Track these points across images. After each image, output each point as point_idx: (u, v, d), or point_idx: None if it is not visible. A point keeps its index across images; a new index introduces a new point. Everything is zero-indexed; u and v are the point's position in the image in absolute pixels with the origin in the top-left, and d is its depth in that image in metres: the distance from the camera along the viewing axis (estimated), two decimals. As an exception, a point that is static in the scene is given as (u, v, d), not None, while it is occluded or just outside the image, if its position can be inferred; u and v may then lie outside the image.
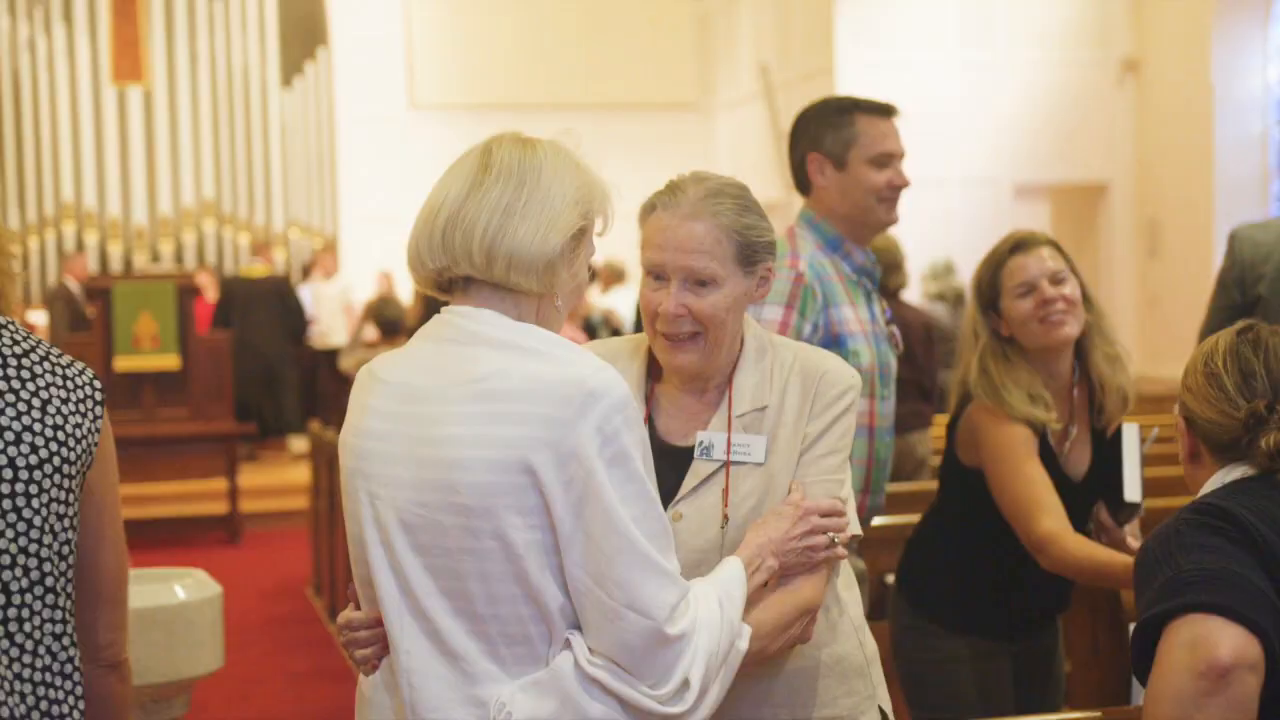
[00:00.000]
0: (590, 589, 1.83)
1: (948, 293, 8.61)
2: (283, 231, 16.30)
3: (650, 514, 1.86)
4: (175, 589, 3.49)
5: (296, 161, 16.42)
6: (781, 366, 2.29)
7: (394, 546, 1.91)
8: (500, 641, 1.87)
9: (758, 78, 14.27)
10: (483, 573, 1.85)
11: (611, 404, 1.85)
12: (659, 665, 1.84)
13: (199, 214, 16.17)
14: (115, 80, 16.08)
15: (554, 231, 1.93)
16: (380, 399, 1.97)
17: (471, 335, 1.93)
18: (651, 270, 2.27)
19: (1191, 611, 1.90)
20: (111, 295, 10.66)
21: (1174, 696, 1.87)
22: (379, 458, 1.94)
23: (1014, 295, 3.15)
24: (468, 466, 1.84)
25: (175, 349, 10.69)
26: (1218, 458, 2.13)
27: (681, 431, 2.30)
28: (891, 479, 6.06)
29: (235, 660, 5.72)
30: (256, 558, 9.38)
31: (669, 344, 2.25)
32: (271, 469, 11.91)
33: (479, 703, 1.87)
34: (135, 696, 3.39)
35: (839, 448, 2.26)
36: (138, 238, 15.98)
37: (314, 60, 16.47)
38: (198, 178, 16.18)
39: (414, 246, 1.98)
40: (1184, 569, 1.94)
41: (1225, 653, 1.85)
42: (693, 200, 2.25)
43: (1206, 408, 2.12)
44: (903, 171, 3.28)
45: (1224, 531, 1.98)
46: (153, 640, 3.39)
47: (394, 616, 1.92)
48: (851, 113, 3.29)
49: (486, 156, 1.96)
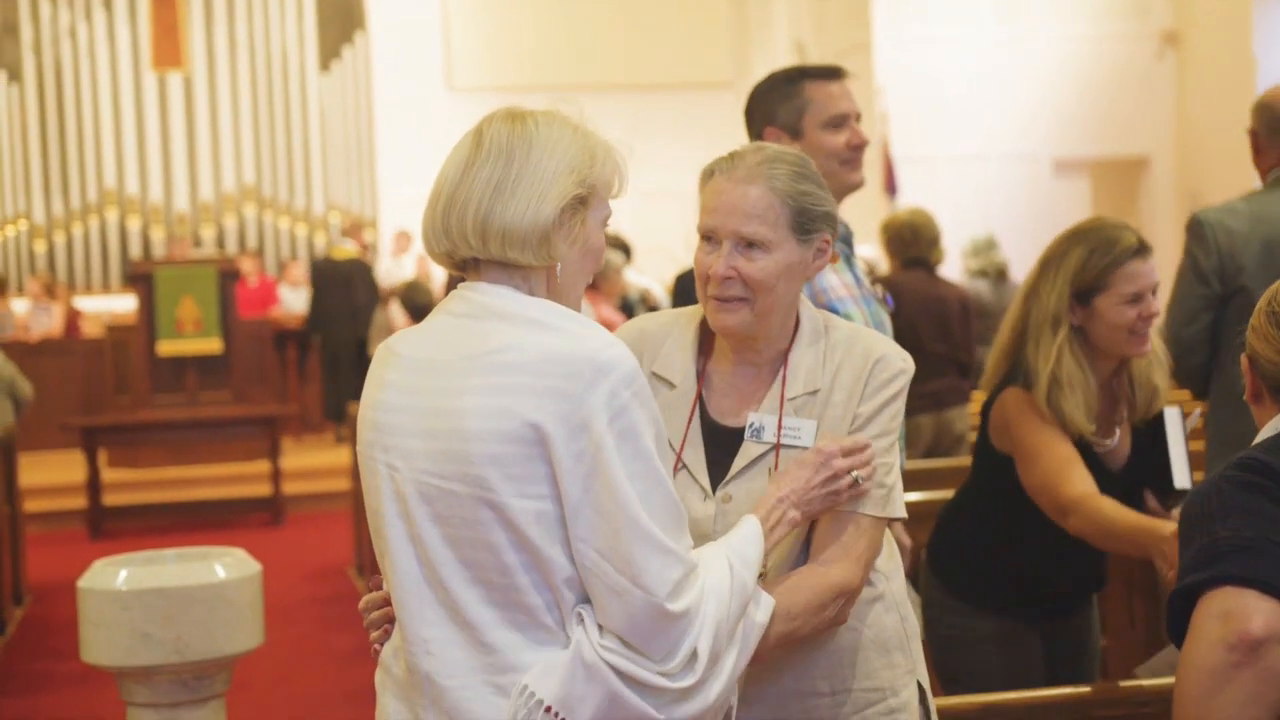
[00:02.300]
0: (596, 564, 1.85)
1: (989, 269, 8.56)
2: (323, 215, 16.39)
3: (657, 491, 1.86)
4: (215, 567, 3.52)
5: (335, 145, 16.50)
6: (835, 349, 2.27)
7: (414, 518, 1.93)
8: (516, 609, 1.89)
9: (794, 55, 14.22)
10: (495, 542, 1.87)
11: (621, 378, 1.85)
12: (664, 641, 1.85)
13: (240, 199, 16.29)
14: (155, 67, 16.19)
15: (545, 203, 1.93)
16: (397, 373, 1.99)
17: (484, 309, 1.94)
18: (704, 233, 2.26)
19: (1225, 584, 1.89)
20: (154, 280, 10.75)
21: (1205, 668, 1.86)
22: (396, 431, 1.96)
23: (1120, 299, 3.03)
24: (479, 437, 1.86)
25: (217, 332, 10.78)
26: (1275, 398, 2.10)
27: (733, 411, 2.29)
28: (929, 454, 6.10)
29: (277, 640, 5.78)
30: (299, 539, 9.45)
31: (717, 306, 2.24)
32: (314, 451, 12.00)
33: (497, 669, 1.88)
34: (177, 673, 3.44)
35: (889, 429, 2.24)
36: (179, 223, 16.10)
37: (352, 45, 16.54)
38: (238, 163, 16.29)
39: (424, 230, 2.01)
40: (1220, 536, 1.93)
41: (1257, 626, 1.84)
42: (750, 165, 2.25)
43: (1266, 346, 2.09)
44: (859, 130, 3.23)
45: (1266, 490, 1.96)
46: (194, 618, 3.43)
47: (411, 587, 1.94)
48: (799, 81, 3.24)
49: (478, 136, 1.97)
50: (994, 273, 8.53)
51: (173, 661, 3.42)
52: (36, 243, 15.94)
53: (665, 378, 2.32)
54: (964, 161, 12.52)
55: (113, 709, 4.11)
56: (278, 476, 9.99)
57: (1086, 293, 3.05)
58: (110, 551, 5.18)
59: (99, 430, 10.01)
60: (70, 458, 10.79)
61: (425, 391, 1.94)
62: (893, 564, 2.39)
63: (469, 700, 1.90)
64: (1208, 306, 3.96)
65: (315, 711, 5.72)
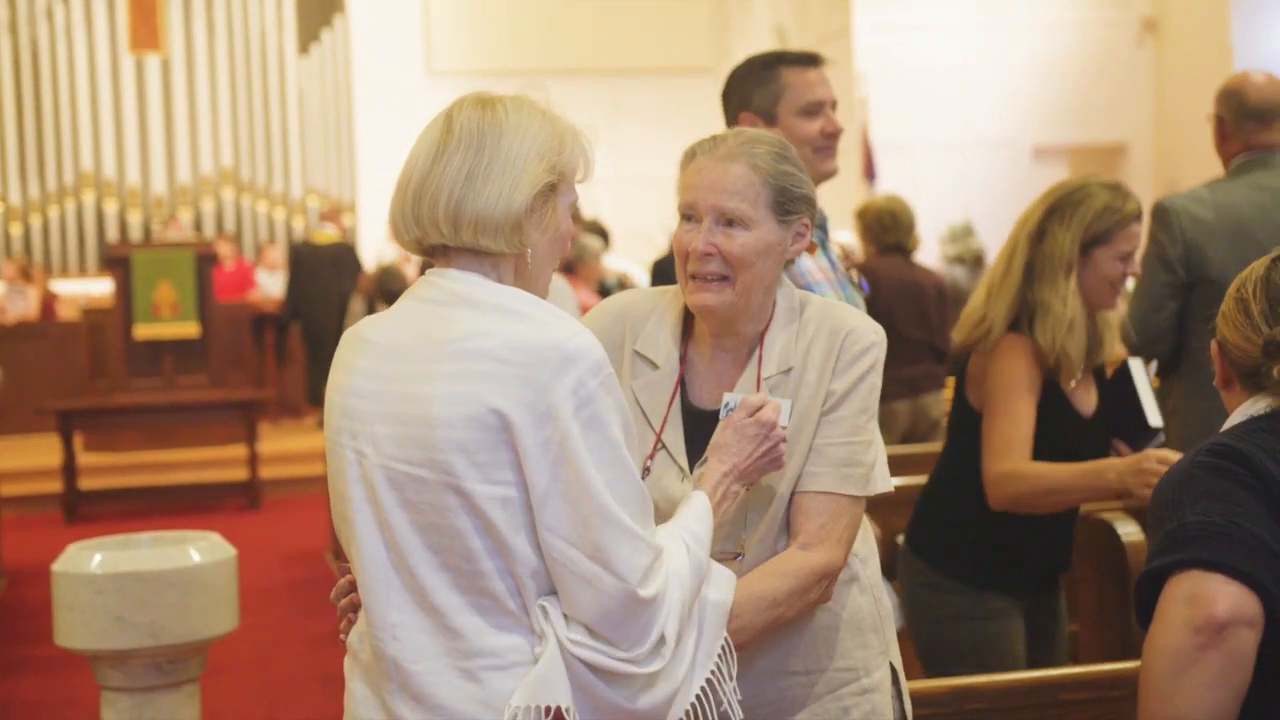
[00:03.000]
0: (564, 553, 1.85)
1: (966, 255, 8.60)
2: (301, 199, 16.34)
3: (624, 478, 1.87)
4: (190, 551, 3.52)
5: (314, 129, 16.44)
6: (807, 325, 2.28)
7: (381, 503, 1.93)
8: (481, 594, 1.89)
9: (775, 41, 14.21)
10: (460, 528, 1.88)
11: (588, 367, 1.86)
12: (635, 627, 1.86)
13: (217, 182, 16.22)
14: (133, 49, 16.11)
15: (518, 191, 1.94)
16: (365, 359, 1.99)
17: (452, 295, 1.95)
18: (684, 211, 2.27)
19: (1192, 567, 1.91)
20: (131, 263, 10.71)
21: (1171, 650, 1.88)
22: (364, 416, 1.96)
23: (1116, 254, 3.16)
24: (446, 423, 1.87)
25: (194, 316, 10.76)
26: (1244, 385, 2.12)
27: (712, 397, 2.30)
28: (905, 440, 6.13)
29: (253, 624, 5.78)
30: (276, 523, 9.44)
31: (696, 284, 2.25)
32: (291, 435, 11.98)
33: (462, 654, 1.89)
34: (151, 657, 3.44)
35: (867, 405, 2.25)
36: (157, 206, 16.04)
37: (331, 28, 16.48)
38: (216, 146, 16.23)
39: (393, 217, 2.01)
40: (1188, 520, 1.95)
41: (1223, 609, 1.87)
42: (731, 145, 2.27)
43: (1233, 332, 2.11)
44: (834, 118, 3.23)
45: (1235, 475, 1.98)
46: (168, 602, 3.43)
47: (378, 572, 1.94)
48: (776, 67, 3.23)
49: (448, 122, 1.97)
50: (970, 259, 8.57)
51: (147, 645, 3.42)
52: (12, 225, 15.86)
53: (648, 357, 2.33)
54: (943, 148, 12.54)
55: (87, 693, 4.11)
56: (255, 461, 9.97)
57: (1090, 242, 3.16)
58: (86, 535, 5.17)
59: (75, 414, 9.98)
60: (46, 441, 10.75)
61: (393, 377, 1.94)
62: (868, 548, 2.40)
63: (435, 685, 1.90)
64: (1173, 294, 3.98)
65: (290, 696, 5.72)
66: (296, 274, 12.45)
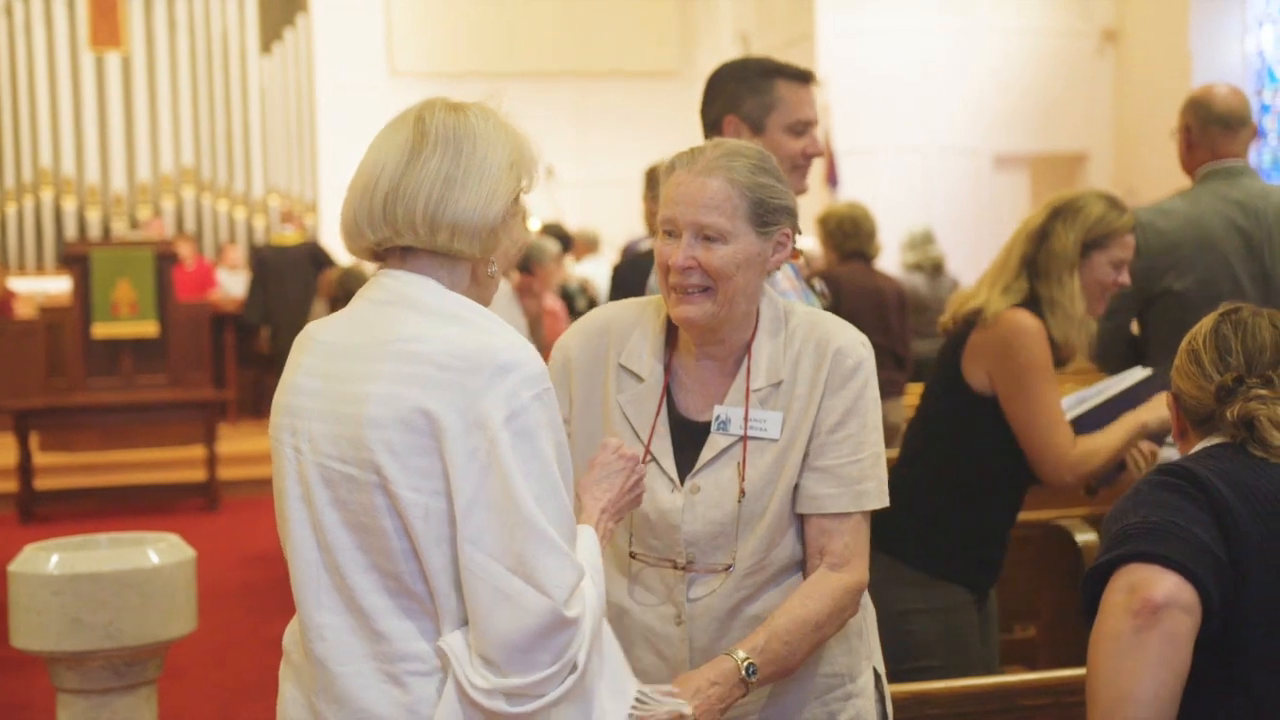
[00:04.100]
0: (484, 566, 1.81)
1: (925, 263, 8.63)
2: (262, 198, 16.26)
3: (553, 496, 1.84)
4: (149, 553, 3.50)
5: (276, 128, 16.36)
6: (793, 338, 2.31)
7: (315, 502, 1.92)
8: (408, 597, 1.89)
9: (738, 46, 14.25)
10: (386, 529, 1.87)
11: (523, 378, 1.84)
12: (551, 649, 1.82)
13: (178, 181, 16.12)
14: (93, 46, 15.99)
15: (495, 199, 1.94)
16: (311, 357, 1.99)
17: (399, 296, 1.94)
18: (665, 225, 2.30)
19: (1133, 561, 2.01)
20: (90, 261, 10.63)
21: (1112, 635, 1.98)
22: (304, 414, 1.95)
23: (1110, 261, 3.28)
24: (378, 424, 1.86)
25: (154, 316, 10.68)
26: (1197, 431, 2.21)
27: (699, 407, 2.33)
28: (866, 446, 6.14)
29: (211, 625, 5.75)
30: (235, 524, 9.39)
31: (678, 297, 2.27)
32: (251, 436, 11.92)
33: (387, 658, 1.88)
34: (108, 659, 3.42)
35: (867, 421, 2.28)
36: (116, 204, 15.92)
37: (294, 27, 16.40)
38: (176, 144, 16.12)
39: (351, 218, 1.98)
40: (1129, 522, 2.06)
41: (1159, 593, 1.96)
42: (709, 159, 2.28)
43: (1186, 383, 2.21)
44: (817, 140, 3.25)
45: (1181, 489, 2.07)
46: (126, 603, 3.41)
47: (310, 571, 1.94)
48: (774, 78, 3.24)
49: (420, 124, 1.96)
50: (929, 267, 8.60)
51: (105, 647, 3.40)
52: (-31, 222, 15.72)
53: (633, 370, 2.35)
54: (905, 154, 12.59)
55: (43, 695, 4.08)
56: (213, 462, 9.91)
57: (1090, 245, 3.27)
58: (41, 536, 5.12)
59: (31, 413, 9.89)
60: (1, 441, 10.65)
61: (333, 376, 1.94)
62: None
63: (359, 688, 1.89)
64: (1129, 306, 4.02)
65: (247, 698, 5.69)
66: (262, 276, 12.38)
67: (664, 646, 2.30)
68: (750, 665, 2.16)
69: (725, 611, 2.27)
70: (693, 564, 2.28)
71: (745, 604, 2.28)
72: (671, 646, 2.29)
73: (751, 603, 2.28)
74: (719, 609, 2.27)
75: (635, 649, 2.30)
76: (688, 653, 2.27)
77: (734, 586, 2.27)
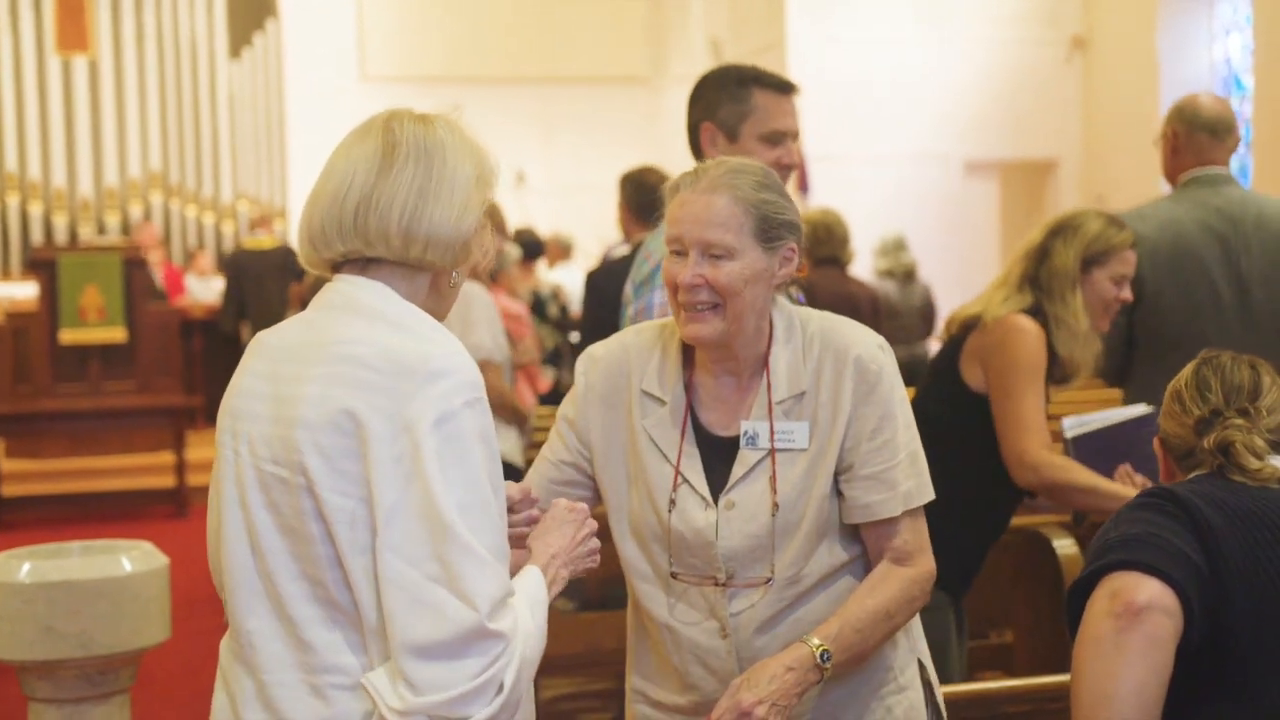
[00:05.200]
0: (402, 574, 1.77)
1: (896, 269, 8.65)
2: (231, 203, 16.18)
3: (479, 505, 1.80)
4: (122, 560, 3.47)
5: (245, 134, 16.28)
6: (810, 343, 2.33)
7: (249, 505, 1.90)
8: (335, 608, 1.86)
9: (709, 53, 14.26)
10: (313, 534, 1.85)
11: (454, 385, 1.82)
12: (473, 660, 1.76)
13: (145, 186, 16.01)
14: (60, 50, 15.88)
15: (468, 212, 1.94)
16: (258, 360, 1.98)
17: (350, 301, 1.93)
18: (672, 245, 2.32)
19: (1114, 569, 2.06)
20: (57, 267, 10.55)
21: (1096, 638, 2.02)
22: (247, 416, 1.94)
23: (1110, 276, 3.33)
24: (308, 425, 1.84)
25: (121, 321, 10.61)
26: (1181, 469, 2.29)
27: (724, 423, 2.35)
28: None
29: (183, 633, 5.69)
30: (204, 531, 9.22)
31: (688, 315, 2.29)
32: (220, 443, 11.83)
33: (313, 669, 1.86)
34: (81, 668, 3.39)
35: (902, 421, 2.31)
36: (83, 209, 15.81)
37: (263, 32, 16.33)
38: (144, 149, 16.02)
39: (319, 229, 1.94)
40: (1111, 537, 2.12)
41: (1141, 596, 2.01)
42: (713, 177, 2.31)
43: (1170, 422, 2.29)
44: (793, 150, 3.24)
45: (1161, 507, 2.13)
46: (100, 612, 3.38)
47: (242, 577, 1.91)
48: (750, 86, 3.23)
49: (390, 134, 1.93)
50: (901, 273, 8.62)
51: (77, 656, 3.37)
52: (-65, 227, 15.59)
53: (655, 395, 2.37)
54: (877, 161, 12.62)
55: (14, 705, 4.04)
56: (182, 468, 9.85)
57: (1089, 261, 3.32)
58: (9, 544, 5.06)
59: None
60: (-32, 447, 10.57)
61: (274, 378, 1.93)
62: None
63: (284, 699, 1.87)
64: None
65: (220, 706, 5.65)
66: (237, 280, 12.30)
67: (712, 660, 2.33)
68: (825, 652, 2.20)
69: (767, 620, 2.30)
70: (733, 579, 2.30)
71: (787, 612, 2.30)
72: (719, 659, 2.32)
73: (793, 610, 2.30)
74: (761, 619, 2.30)
75: (685, 663, 2.34)
76: (735, 664, 2.30)
77: (775, 598, 2.30)
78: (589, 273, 5.36)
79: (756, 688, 2.16)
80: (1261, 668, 2.05)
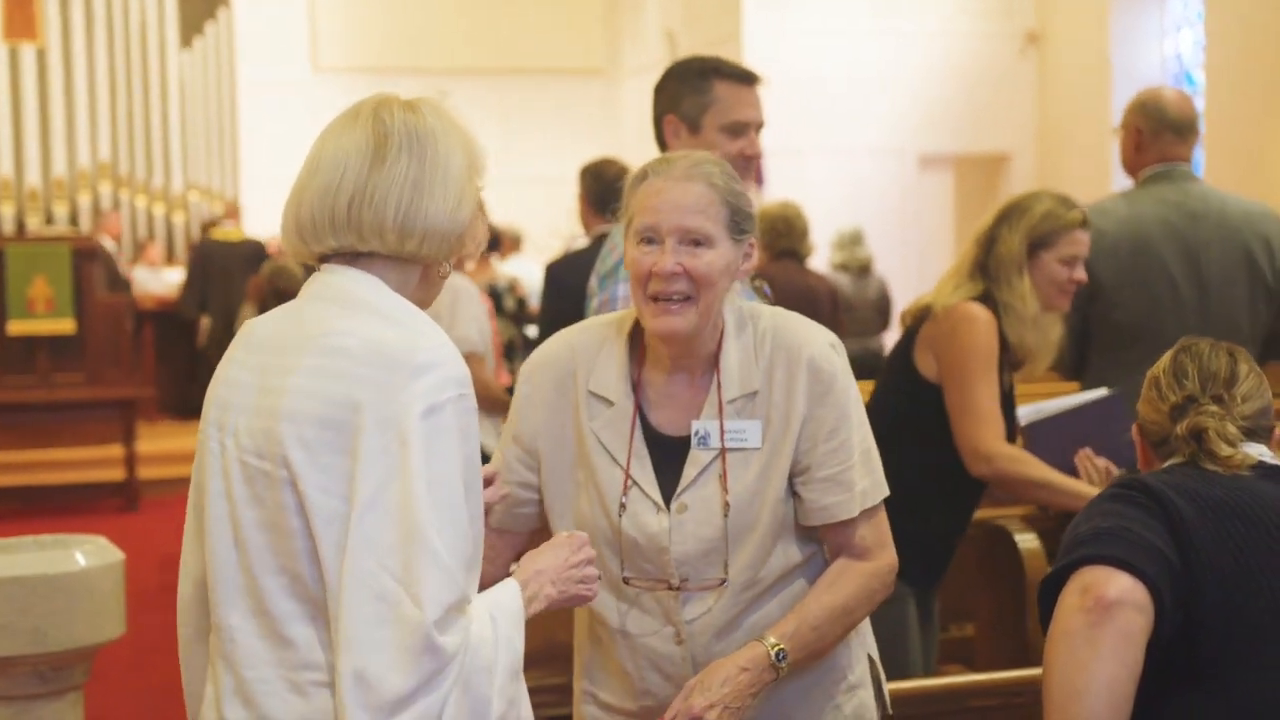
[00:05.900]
0: (370, 573, 1.74)
1: (851, 263, 8.67)
2: (182, 194, 16.02)
3: (449, 506, 1.78)
4: (76, 555, 3.42)
5: (196, 124, 16.11)
6: (762, 341, 2.29)
7: (234, 498, 1.88)
8: (313, 604, 1.84)
9: (665, 45, 14.25)
10: (293, 529, 1.83)
11: (442, 378, 1.80)
12: (415, 675, 1.73)
13: (95, 176, 15.83)
14: (7, 38, 15.66)
15: (463, 205, 1.91)
16: (245, 351, 1.96)
17: (338, 292, 1.90)
18: (644, 233, 2.25)
19: (1085, 564, 2.07)
20: (4, 257, 10.42)
21: (1067, 633, 2.03)
22: (233, 407, 1.91)
23: (1060, 260, 3.32)
24: (293, 418, 1.82)
25: (70, 312, 10.48)
26: (1157, 455, 2.29)
27: (675, 422, 2.30)
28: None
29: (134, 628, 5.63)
30: (155, 525, 9.23)
31: (659, 308, 2.22)
32: (171, 436, 11.74)
33: (292, 665, 1.85)
34: (34, 664, 3.33)
35: (855, 420, 2.28)
36: (31, 199, 15.62)
37: (214, 20, 16.17)
38: (94, 139, 15.83)
39: (309, 223, 1.91)
40: (1082, 530, 2.13)
41: (1112, 591, 2.02)
42: (685, 165, 2.27)
43: (1147, 408, 2.30)
44: (756, 141, 3.22)
45: (1134, 499, 2.13)
46: (54, 607, 3.33)
47: (224, 571, 1.89)
48: (710, 77, 3.21)
49: (380, 124, 1.89)
50: (856, 267, 8.64)
51: (31, 652, 3.32)
52: (-121, 216, 15.36)
53: (602, 396, 2.30)
54: (832, 155, 12.65)
55: (-37, 701, 3.97)
56: (132, 461, 9.76)
57: (1035, 245, 3.31)
58: (-41, 538, 5.01)
59: (-55, 412, 9.70)
60: (-86, 440, 10.42)
61: (261, 369, 1.90)
62: None
63: (264, 695, 1.86)
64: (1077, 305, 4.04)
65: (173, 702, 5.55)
66: (203, 270, 12.17)
67: (667, 666, 2.29)
68: (780, 651, 2.18)
69: (724, 626, 2.26)
70: (686, 582, 2.26)
71: (743, 617, 2.27)
72: (674, 665, 2.28)
73: (749, 614, 2.27)
74: (717, 624, 2.26)
75: (640, 670, 2.30)
76: (691, 670, 2.26)
77: (730, 602, 2.26)
78: (549, 265, 5.32)
79: (709, 691, 2.14)
80: (1232, 659, 2.06)
